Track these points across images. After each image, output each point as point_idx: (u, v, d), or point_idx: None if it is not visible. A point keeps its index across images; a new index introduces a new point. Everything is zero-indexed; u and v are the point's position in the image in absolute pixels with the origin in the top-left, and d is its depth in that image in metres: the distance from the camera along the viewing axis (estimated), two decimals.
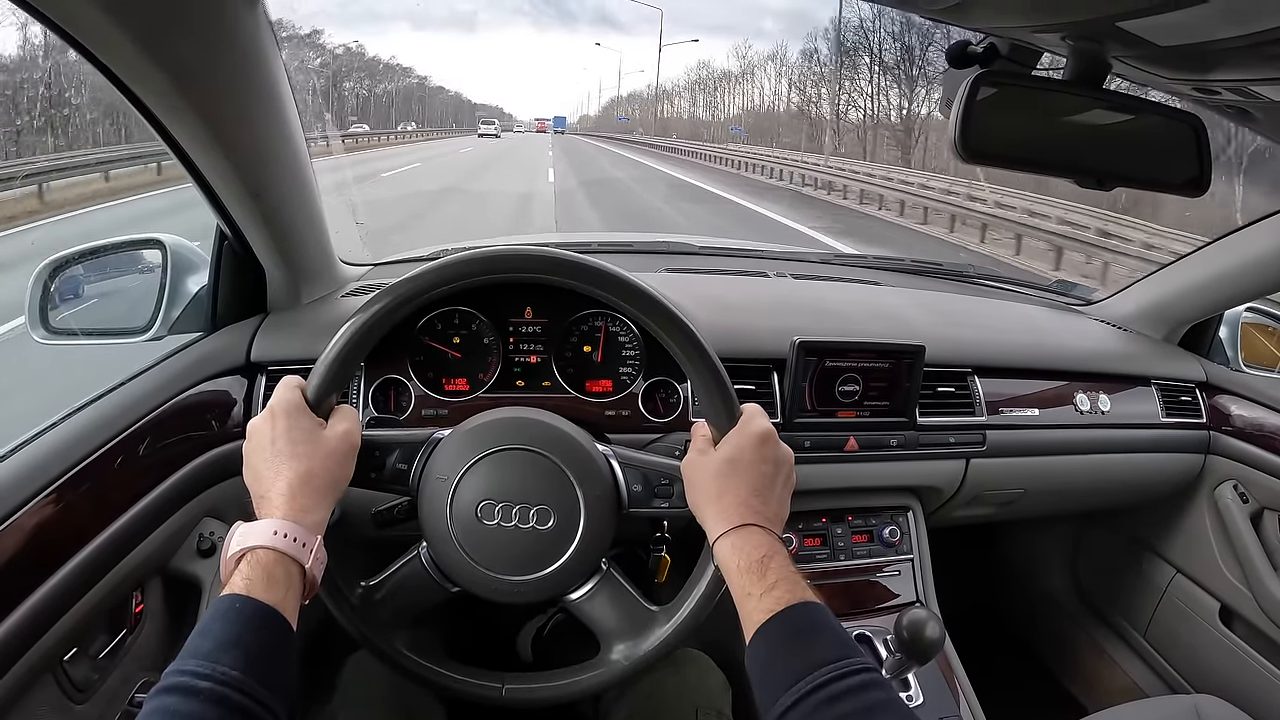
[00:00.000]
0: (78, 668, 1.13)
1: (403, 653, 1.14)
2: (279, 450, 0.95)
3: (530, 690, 1.17)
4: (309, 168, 1.32)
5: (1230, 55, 0.86)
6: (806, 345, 1.48)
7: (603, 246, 1.99)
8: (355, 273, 1.70)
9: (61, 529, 1.04)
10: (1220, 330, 2.01)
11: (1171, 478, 1.92)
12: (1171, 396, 1.87)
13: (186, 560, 1.31)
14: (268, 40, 1.06)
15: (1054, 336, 1.91)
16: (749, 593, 0.91)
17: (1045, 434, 1.73)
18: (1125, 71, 1.01)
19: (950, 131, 0.92)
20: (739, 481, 0.99)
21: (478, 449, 1.07)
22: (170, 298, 1.38)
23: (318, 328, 1.42)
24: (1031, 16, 0.90)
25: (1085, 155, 1.01)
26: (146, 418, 1.21)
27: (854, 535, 1.65)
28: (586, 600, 1.14)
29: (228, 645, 0.77)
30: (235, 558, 0.87)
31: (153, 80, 0.98)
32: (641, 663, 1.13)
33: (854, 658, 0.82)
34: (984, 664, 1.61)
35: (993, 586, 2.61)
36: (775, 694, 0.81)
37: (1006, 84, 0.96)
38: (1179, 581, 2.03)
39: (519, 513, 1.06)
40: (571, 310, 1.39)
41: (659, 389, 1.43)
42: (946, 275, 2.34)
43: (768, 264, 2.14)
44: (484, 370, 1.39)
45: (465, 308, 1.36)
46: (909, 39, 42.06)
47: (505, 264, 1.08)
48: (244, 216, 1.28)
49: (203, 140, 1.10)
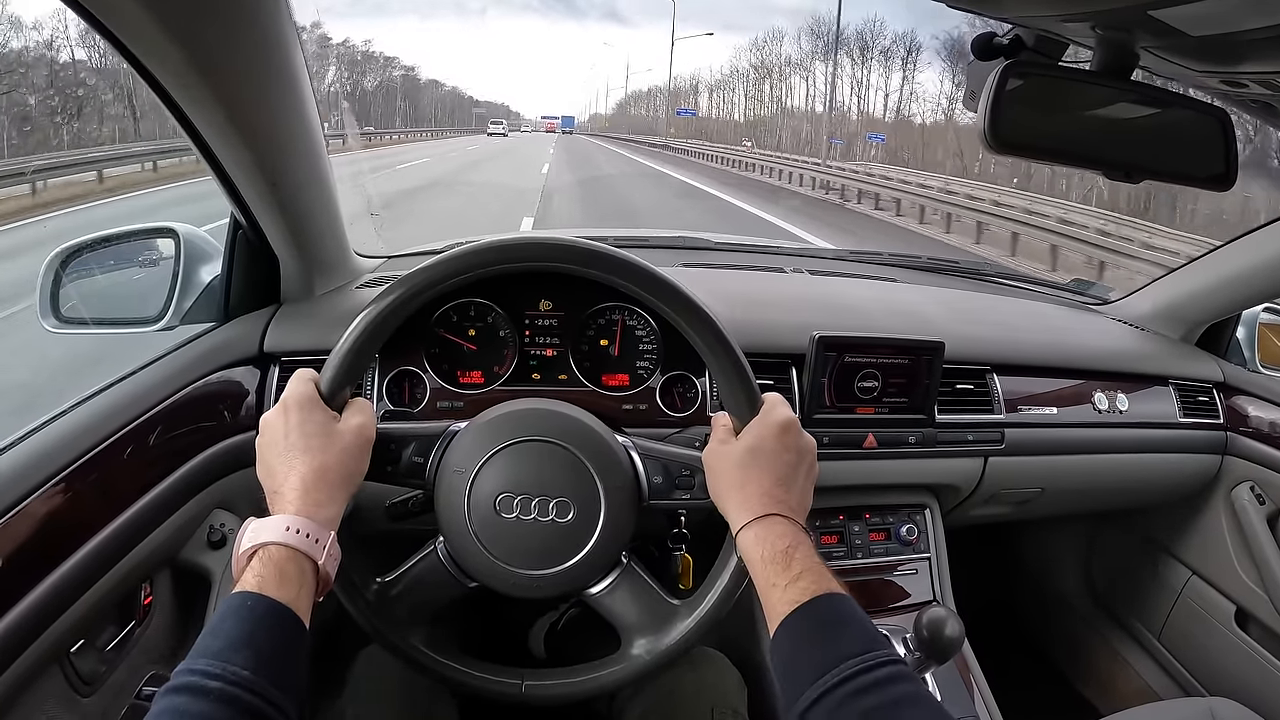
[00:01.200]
0: (85, 660, 1.13)
1: (420, 649, 1.12)
2: (292, 444, 0.94)
3: (550, 686, 1.15)
4: (325, 158, 1.31)
5: (1260, 46, 0.85)
6: (826, 340, 1.48)
7: (618, 241, 1.98)
8: (369, 264, 1.70)
9: (70, 518, 1.04)
10: (1238, 330, 2.00)
11: (1188, 478, 1.91)
12: (1189, 397, 1.86)
13: (196, 552, 1.31)
14: (288, 27, 1.05)
15: (1072, 335, 1.90)
16: (773, 584, 0.89)
17: (1063, 433, 1.72)
18: (1152, 64, 1.00)
19: (980, 122, 0.91)
20: (761, 471, 0.98)
21: (496, 441, 1.06)
22: (183, 287, 1.38)
23: (331, 319, 1.42)
24: (1063, 4, 0.89)
25: (1112, 148, 1.00)
26: (157, 407, 1.21)
27: (871, 533, 1.65)
28: (607, 594, 1.12)
29: (239, 644, 0.76)
30: (247, 554, 0.86)
31: (172, 63, 0.97)
32: (664, 657, 1.11)
33: (881, 650, 0.80)
34: (998, 665, 1.60)
35: (1007, 587, 2.60)
36: (800, 687, 0.80)
37: (1034, 75, 0.95)
38: (1194, 583, 2.02)
39: (538, 505, 1.04)
40: (588, 303, 1.38)
41: (676, 383, 1.42)
42: (963, 273, 2.34)
43: (784, 260, 2.13)
44: (500, 363, 1.38)
45: (481, 299, 1.36)
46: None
47: (520, 253, 1.07)
48: (260, 205, 1.28)
49: (221, 126, 1.09)
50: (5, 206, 10.58)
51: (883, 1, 42.48)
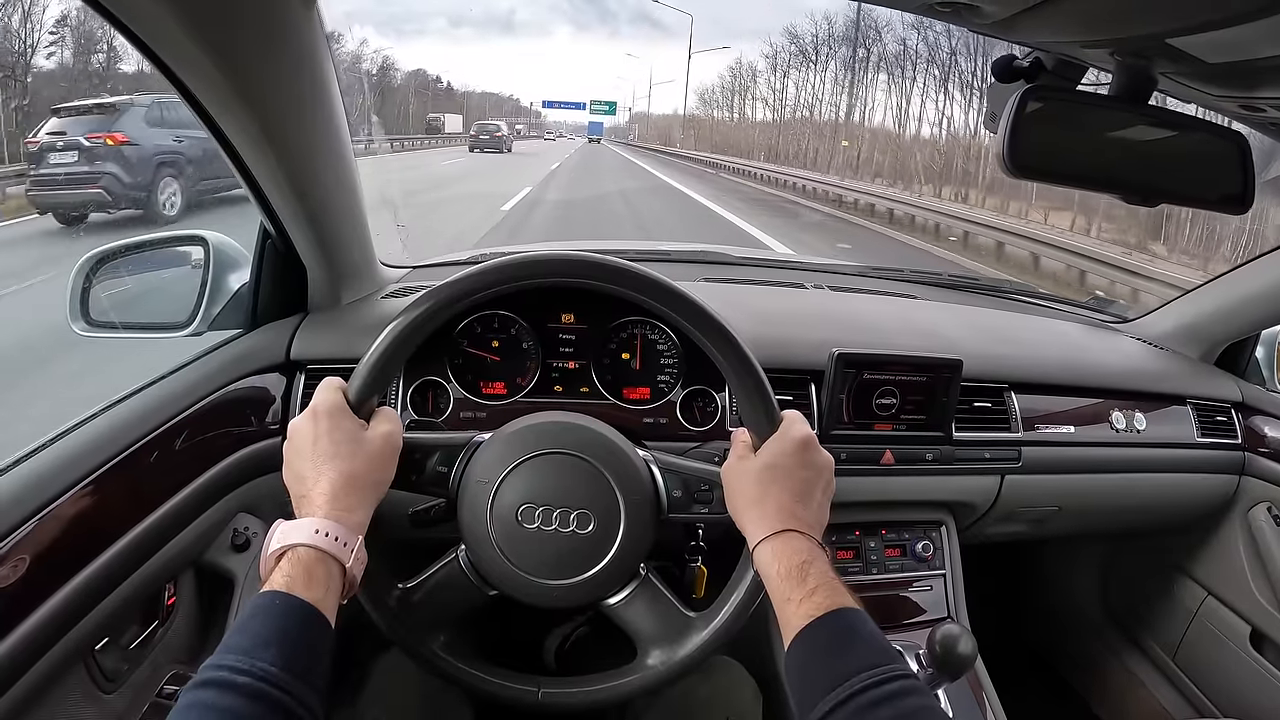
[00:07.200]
0: (108, 657, 1.14)
1: (440, 655, 1.13)
2: (321, 450, 0.95)
3: (566, 695, 1.16)
4: (354, 169, 1.33)
5: (1277, 73, 0.86)
6: (846, 357, 1.48)
7: (640, 254, 1.99)
8: (395, 274, 1.72)
9: (98, 520, 1.06)
10: (1257, 350, 1.99)
11: (1205, 499, 1.90)
12: (1207, 416, 1.86)
13: (220, 555, 1.33)
14: (320, 40, 1.07)
15: (1091, 354, 1.90)
16: (788, 598, 0.90)
17: (1080, 452, 1.72)
18: (1170, 88, 1.01)
19: (999, 146, 0.92)
20: (779, 487, 0.99)
21: (519, 453, 1.07)
22: (211, 294, 1.40)
23: (357, 328, 1.44)
24: (1082, 32, 0.90)
25: (1130, 171, 1.01)
26: (185, 412, 1.23)
27: (887, 549, 1.65)
28: (624, 605, 1.13)
29: (267, 641, 0.77)
30: (275, 555, 0.87)
31: (205, 75, 1.00)
32: (678, 668, 1.12)
33: (893, 664, 0.81)
34: (1011, 682, 1.60)
35: (1021, 604, 2.59)
36: (813, 699, 0.81)
37: (1053, 98, 0.96)
38: (1210, 604, 2.01)
39: (559, 516, 1.05)
40: (610, 317, 1.40)
41: (697, 397, 1.43)
42: (983, 290, 2.34)
43: (804, 275, 2.14)
44: (522, 375, 1.40)
45: (505, 312, 1.37)
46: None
47: (548, 268, 1.08)
48: (289, 215, 1.30)
49: (253, 137, 1.12)
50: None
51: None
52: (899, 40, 44.47)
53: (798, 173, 30.23)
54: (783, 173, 30.34)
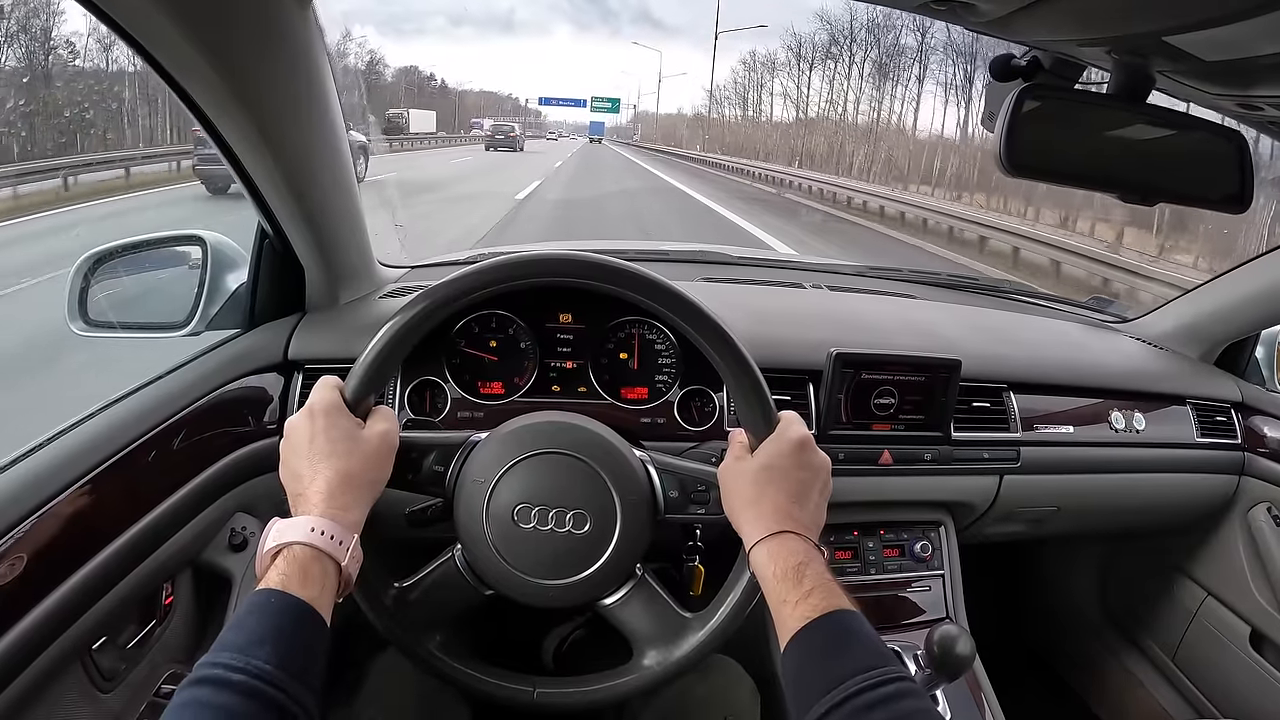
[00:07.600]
0: (106, 657, 1.14)
1: (435, 654, 1.13)
2: (318, 449, 0.95)
3: (562, 695, 1.16)
4: (351, 169, 1.33)
5: (1274, 71, 0.86)
6: (844, 357, 1.48)
7: (639, 254, 1.99)
8: (393, 274, 1.71)
9: (95, 519, 1.06)
10: (1257, 350, 1.99)
11: (1205, 499, 1.90)
12: (1207, 417, 1.85)
13: (218, 554, 1.32)
14: (316, 40, 1.07)
15: (1090, 354, 1.90)
16: (784, 599, 0.90)
17: (1079, 452, 1.72)
18: (1168, 86, 1.01)
19: (996, 145, 0.92)
20: (776, 488, 0.99)
21: (515, 453, 1.07)
22: (209, 294, 1.39)
23: (355, 328, 1.44)
24: (1079, 30, 0.90)
25: (1128, 170, 1.01)
26: (183, 412, 1.22)
27: (885, 549, 1.64)
28: (620, 605, 1.13)
29: (262, 639, 0.77)
30: (271, 553, 0.87)
31: (202, 75, 1.00)
32: (674, 669, 1.12)
33: (889, 666, 0.81)
34: (1010, 683, 1.59)
35: (1020, 605, 2.59)
36: (809, 702, 0.81)
37: (1050, 97, 0.96)
38: (1209, 605, 2.01)
39: (555, 516, 1.05)
40: (608, 317, 1.40)
41: (694, 398, 1.43)
42: (982, 290, 2.34)
43: (804, 275, 2.14)
44: (520, 374, 1.40)
45: (502, 312, 1.37)
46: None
47: (545, 268, 1.08)
48: (287, 216, 1.30)
49: (251, 138, 1.12)
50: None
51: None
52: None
53: (856, 186, 24.00)
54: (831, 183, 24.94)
